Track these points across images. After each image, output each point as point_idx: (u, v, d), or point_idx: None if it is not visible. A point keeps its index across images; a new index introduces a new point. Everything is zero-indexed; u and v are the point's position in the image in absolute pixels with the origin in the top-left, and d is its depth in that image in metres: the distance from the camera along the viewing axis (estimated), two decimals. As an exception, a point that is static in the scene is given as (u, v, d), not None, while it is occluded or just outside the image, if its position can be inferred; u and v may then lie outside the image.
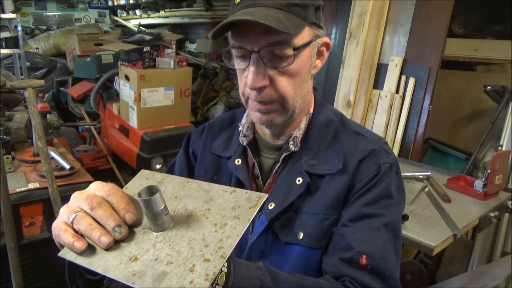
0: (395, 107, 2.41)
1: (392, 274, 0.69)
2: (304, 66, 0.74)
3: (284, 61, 0.71)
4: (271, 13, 0.67)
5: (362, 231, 0.71)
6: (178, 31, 6.42)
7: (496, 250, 2.19)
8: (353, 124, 0.85)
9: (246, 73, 0.72)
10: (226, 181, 0.86)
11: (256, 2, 0.70)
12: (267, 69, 0.71)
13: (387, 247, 0.70)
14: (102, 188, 0.55)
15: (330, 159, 0.78)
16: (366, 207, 0.73)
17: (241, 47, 0.71)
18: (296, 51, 0.70)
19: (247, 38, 0.70)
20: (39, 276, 1.88)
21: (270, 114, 0.76)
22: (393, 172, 0.78)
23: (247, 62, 0.72)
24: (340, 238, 0.72)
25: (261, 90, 0.72)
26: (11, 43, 3.72)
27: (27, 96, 1.70)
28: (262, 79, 0.71)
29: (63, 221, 0.55)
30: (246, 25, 0.67)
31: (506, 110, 2.32)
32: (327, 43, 0.79)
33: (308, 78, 0.78)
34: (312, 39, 0.74)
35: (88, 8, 8.68)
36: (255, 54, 0.70)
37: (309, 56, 0.75)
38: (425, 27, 2.34)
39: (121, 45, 2.93)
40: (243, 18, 0.65)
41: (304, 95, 0.78)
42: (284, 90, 0.73)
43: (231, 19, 0.67)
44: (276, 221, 0.77)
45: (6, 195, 1.55)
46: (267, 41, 0.69)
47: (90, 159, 3.31)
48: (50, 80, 4.32)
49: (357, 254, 0.68)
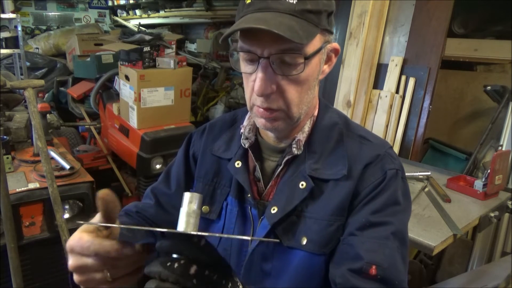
0: (395, 107, 2.41)
1: (402, 283, 0.68)
2: (312, 73, 0.72)
3: (294, 69, 0.69)
4: (285, 20, 0.65)
5: (371, 240, 0.70)
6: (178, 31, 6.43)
7: (496, 250, 2.19)
8: (358, 128, 0.84)
9: (254, 78, 0.70)
10: (226, 183, 0.85)
11: (269, 6, 0.67)
12: (276, 76, 0.69)
13: (395, 256, 0.69)
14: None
15: (334, 163, 0.77)
16: (373, 215, 0.72)
17: (250, 51, 0.69)
18: (307, 60, 0.68)
19: (257, 42, 0.67)
20: (39, 276, 1.88)
21: (275, 122, 0.74)
22: (399, 178, 0.77)
23: (255, 66, 0.70)
24: (348, 247, 0.71)
25: (268, 96, 0.71)
26: (11, 43, 3.72)
27: (27, 96, 1.70)
28: (270, 86, 0.69)
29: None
30: (260, 30, 0.64)
31: (506, 110, 2.32)
32: (336, 48, 0.77)
33: (315, 85, 0.76)
34: (323, 45, 0.72)
35: (88, 8, 8.69)
36: (264, 59, 0.68)
37: (318, 63, 0.73)
38: (425, 27, 2.34)
39: (121, 45, 2.92)
40: (257, 27, 0.63)
41: (310, 101, 0.76)
42: (291, 98, 0.71)
43: (245, 26, 0.64)
44: (278, 225, 0.76)
45: (6, 195, 1.55)
46: (278, 48, 0.66)
47: (90, 159, 3.30)
48: (50, 80, 4.32)
49: (366, 264, 0.67)
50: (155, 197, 0.93)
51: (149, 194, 0.95)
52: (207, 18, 5.40)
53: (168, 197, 0.92)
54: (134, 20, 7.19)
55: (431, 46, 2.32)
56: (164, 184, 0.94)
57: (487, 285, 1.71)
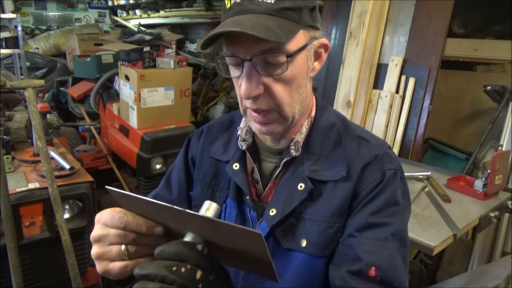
0: (395, 107, 2.41)
1: (402, 285, 0.68)
2: (300, 71, 0.71)
3: (278, 68, 0.68)
4: (261, 20, 0.64)
5: (370, 241, 0.69)
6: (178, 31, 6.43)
7: (496, 250, 2.20)
8: (356, 128, 0.83)
9: (240, 81, 0.70)
10: (225, 186, 0.85)
11: (246, 9, 0.66)
12: (261, 77, 0.69)
13: (395, 257, 0.69)
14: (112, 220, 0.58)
15: (333, 164, 0.76)
16: (372, 216, 0.71)
17: (234, 55, 0.69)
18: (290, 57, 0.67)
19: (239, 46, 0.67)
20: (39, 276, 1.88)
21: (270, 125, 0.74)
22: (398, 178, 0.76)
23: (240, 70, 0.70)
24: (347, 249, 0.71)
25: (256, 98, 0.70)
26: (11, 43, 3.72)
27: (27, 96, 1.70)
28: (256, 87, 0.69)
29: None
30: (237, 33, 0.64)
31: (506, 110, 2.32)
32: (325, 44, 0.76)
33: (307, 82, 0.75)
34: (308, 42, 0.71)
35: (88, 8, 8.69)
36: (248, 62, 0.67)
37: (305, 60, 0.72)
38: (425, 27, 2.34)
39: (121, 45, 2.93)
40: (231, 30, 0.63)
41: (303, 99, 0.75)
42: (280, 97, 0.71)
43: (219, 31, 0.65)
44: (278, 227, 0.76)
45: (6, 195, 1.55)
46: (258, 49, 0.66)
47: (90, 159, 3.31)
48: (50, 80, 4.32)
49: (366, 266, 0.67)
50: None
51: None
52: (207, 18, 5.40)
53: (171, 203, 0.91)
54: (134, 20, 7.19)
55: (431, 46, 2.32)
56: (166, 190, 0.94)
57: (487, 285, 1.71)
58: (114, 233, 0.58)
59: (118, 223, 0.57)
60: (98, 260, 0.60)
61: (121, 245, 0.58)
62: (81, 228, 1.94)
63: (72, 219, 1.93)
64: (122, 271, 0.58)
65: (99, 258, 0.60)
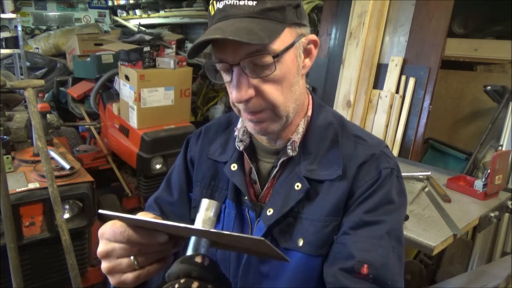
0: (395, 107, 2.41)
1: (395, 283, 0.67)
2: (289, 70, 0.71)
3: (266, 69, 0.68)
4: (243, 24, 0.64)
5: (364, 239, 0.69)
6: (178, 31, 6.42)
7: (496, 250, 2.20)
8: (353, 127, 0.83)
9: (231, 86, 0.71)
10: (224, 186, 0.85)
11: (228, 14, 0.67)
12: (251, 80, 0.69)
13: (389, 256, 0.69)
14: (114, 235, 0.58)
15: (330, 164, 0.76)
16: (367, 214, 0.71)
17: (222, 61, 0.69)
18: (277, 57, 0.67)
19: (225, 52, 0.68)
20: (39, 276, 1.88)
21: (264, 123, 0.74)
22: (394, 177, 0.76)
23: (231, 75, 0.70)
24: (341, 246, 0.71)
25: (248, 101, 0.70)
26: (11, 43, 3.72)
27: (27, 96, 1.70)
28: (247, 91, 0.69)
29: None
30: (220, 40, 0.65)
31: (506, 110, 2.32)
32: (313, 40, 0.75)
33: (298, 80, 0.75)
34: (295, 40, 0.70)
35: (88, 8, 8.69)
36: (236, 66, 0.68)
37: (294, 58, 0.72)
38: (425, 27, 2.34)
39: (121, 45, 2.93)
40: (212, 37, 0.63)
41: (297, 97, 0.75)
42: (273, 97, 0.71)
43: (201, 40, 0.65)
44: (275, 227, 0.76)
45: (6, 195, 1.55)
46: (244, 52, 0.66)
47: (90, 159, 3.30)
48: (50, 80, 4.32)
49: (358, 263, 0.66)
50: (159, 207, 0.92)
51: (153, 204, 0.94)
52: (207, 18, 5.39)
53: (172, 205, 0.92)
54: (134, 20, 7.18)
55: (431, 46, 2.32)
56: (166, 192, 0.94)
57: (487, 285, 1.71)
58: (119, 247, 0.58)
59: (121, 237, 0.57)
60: (111, 274, 0.60)
61: (129, 257, 0.58)
62: (81, 228, 1.94)
63: (72, 219, 1.93)
64: (135, 280, 0.59)
65: (111, 273, 0.60)
